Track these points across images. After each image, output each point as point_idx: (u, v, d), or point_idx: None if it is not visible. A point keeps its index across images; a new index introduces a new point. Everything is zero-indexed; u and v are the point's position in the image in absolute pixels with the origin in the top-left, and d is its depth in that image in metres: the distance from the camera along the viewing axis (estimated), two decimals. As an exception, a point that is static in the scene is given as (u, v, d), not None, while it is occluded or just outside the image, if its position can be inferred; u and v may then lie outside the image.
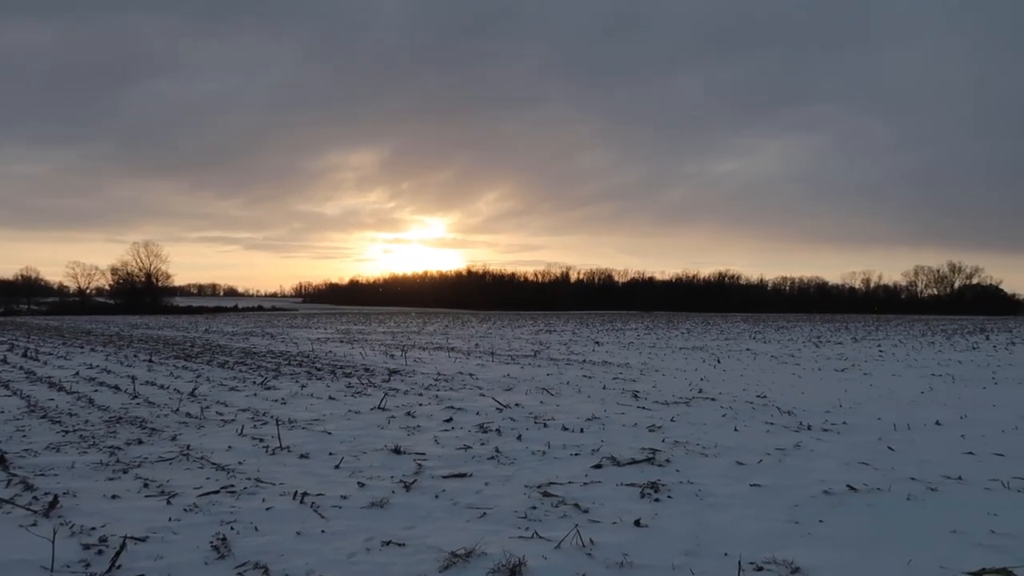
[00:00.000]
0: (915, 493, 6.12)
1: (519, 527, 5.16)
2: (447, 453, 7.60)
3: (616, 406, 10.98)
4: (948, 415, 10.46)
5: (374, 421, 9.52)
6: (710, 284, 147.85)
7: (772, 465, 7.19)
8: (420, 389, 12.81)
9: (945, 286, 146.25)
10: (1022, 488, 6.32)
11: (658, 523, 5.27)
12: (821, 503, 5.82)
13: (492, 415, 10.04)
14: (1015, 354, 24.35)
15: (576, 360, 19.67)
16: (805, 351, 24.61)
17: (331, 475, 6.65)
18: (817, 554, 4.64)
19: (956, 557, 4.57)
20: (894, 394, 12.99)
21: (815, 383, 14.70)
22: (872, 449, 7.99)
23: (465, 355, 21.16)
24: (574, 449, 7.83)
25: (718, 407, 11.01)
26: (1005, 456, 7.68)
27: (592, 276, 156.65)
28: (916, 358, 21.93)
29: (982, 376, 16.46)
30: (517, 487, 6.26)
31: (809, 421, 9.78)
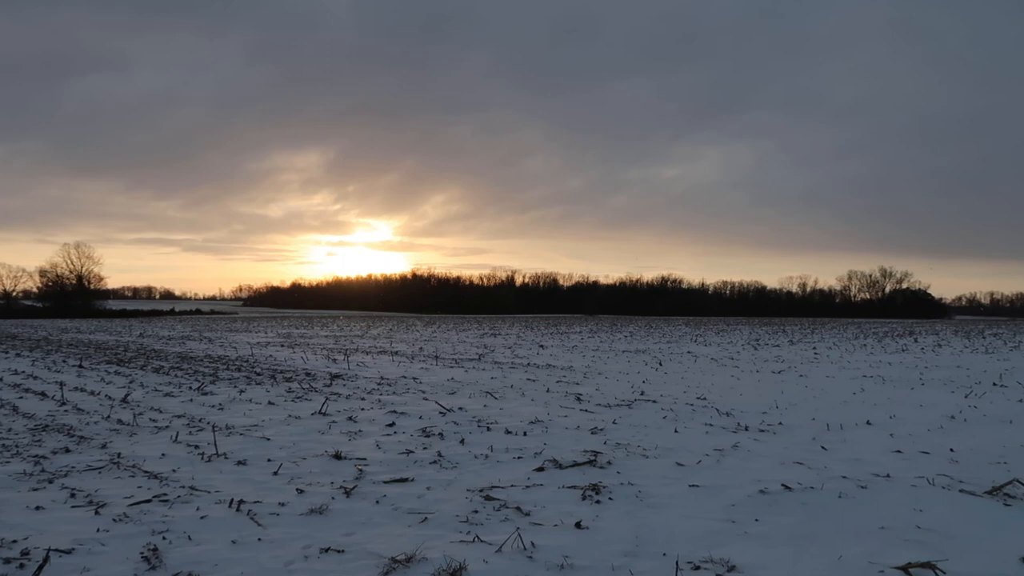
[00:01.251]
0: (846, 491, 6.31)
1: (461, 531, 5.14)
2: (389, 458, 7.53)
3: (559, 409, 11.04)
4: (878, 415, 10.82)
5: (315, 426, 9.37)
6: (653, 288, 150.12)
7: (711, 465, 7.32)
8: (362, 393, 12.66)
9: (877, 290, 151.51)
10: (946, 485, 6.57)
11: (599, 525, 5.31)
12: (757, 502, 5.94)
13: (435, 419, 9.98)
14: (941, 356, 25.35)
15: (520, 363, 19.72)
16: (744, 354, 25.16)
17: (269, 482, 6.52)
18: (752, 552, 4.74)
19: (884, 552, 4.73)
20: (828, 395, 13.37)
21: (753, 385, 15.03)
22: (806, 449, 8.21)
23: (409, 359, 21.01)
24: (517, 452, 7.84)
25: (659, 409, 11.17)
26: (931, 454, 7.98)
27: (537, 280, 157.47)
28: (849, 360, 22.63)
29: (910, 377, 17.08)
30: (459, 491, 6.23)
31: (747, 422, 10.00)
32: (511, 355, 23.05)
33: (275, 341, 30.53)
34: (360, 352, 23.85)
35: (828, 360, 22.55)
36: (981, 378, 16.99)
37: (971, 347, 31.42)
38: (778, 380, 16.10)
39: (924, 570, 4.34)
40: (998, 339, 40.59)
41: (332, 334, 37.88)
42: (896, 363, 21.64)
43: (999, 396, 13.53)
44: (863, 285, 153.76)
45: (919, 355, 25.64)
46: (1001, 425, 10.14)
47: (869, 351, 27.59)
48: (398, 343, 29.74)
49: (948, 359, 23.76)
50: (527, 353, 24.05)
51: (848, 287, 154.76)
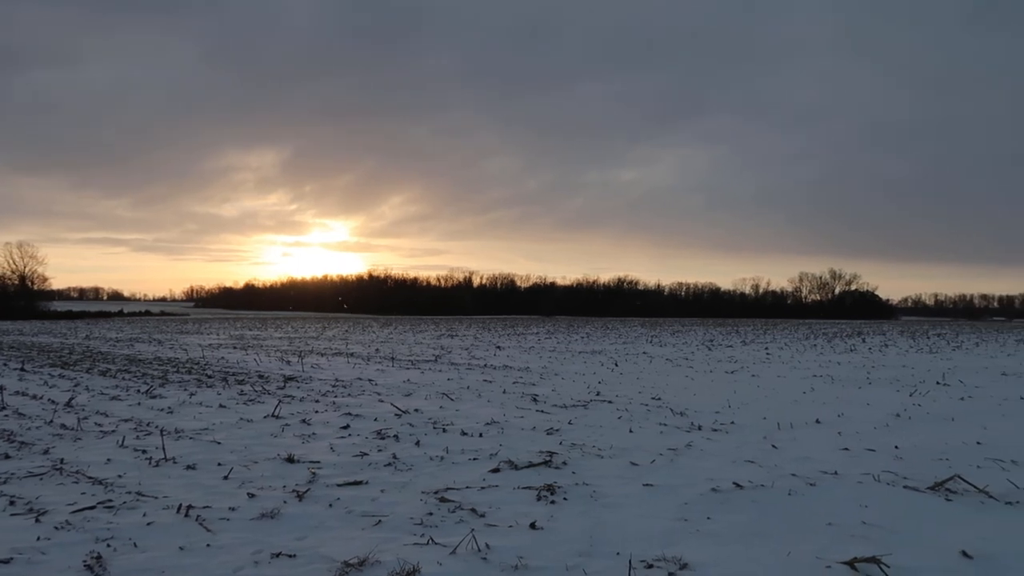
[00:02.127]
0: (796, 488, 6.43)
1: (415, 534, 5.10)
2: (343, 461, 7.44)
3: (515, 410, 11.05)
4: (827, 414, 11.06)
5: (267, 429, 9.22)
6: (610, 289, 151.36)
7: (664, 465, 7.40)
8: (317, 396, 12.51)
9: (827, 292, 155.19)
10: (891, 481, 6.74)
11: (553, 525, 5.33)
12: (709, 500, 6.02)
13: (391, 421, 9.90)
14: (888, 356, 26.04)
15: (477, 365, 19.69)
16: (698, 354, 25.51)
17: (219, 486, 6.39)
18: (704, 550, 4.80)
19: (831, 548, 4.83)
20: (779, 394, 13.63)
21: (707, 385, 15.25)
22: (758, 447, 8.35)
23: (365, 360, 20.82)
24: (472, 454, 7.82)
25: (615, 409, 11.25)
26: (876, 451, 8.18)
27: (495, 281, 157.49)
28: (800, 360, 23.10)
29: (858, 377, 17.50)
30: (414, 493, 6.19)
31: (700, 421, 10.13)
32: (468, 356, 23.01)
33: (227, 343, 29.99)
34: (315, 354, 23.57)
35: (779, 360, 22.99)
36: (925, 377, 17.49)
37: (916, 347, 32.35)
38: (731, 380, 16.35)
39: (869, 564, 4.44)
40: (941, 339, 41.87)
41: (286, 336, 37.36)
42: (845, 363, 22.16)
43: (942, 394, 13.94)
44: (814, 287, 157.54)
45: (867, 355, 26.31)
46: (944, 423, 10.45)
47: (819, 351, 28.21)
48: (354, 344, 29.46)
49: (894, 359, 24.42)
50: (484, 354, 24.03)
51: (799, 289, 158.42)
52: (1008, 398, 13.45)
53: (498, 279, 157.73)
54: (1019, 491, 6.38)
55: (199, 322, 64.94)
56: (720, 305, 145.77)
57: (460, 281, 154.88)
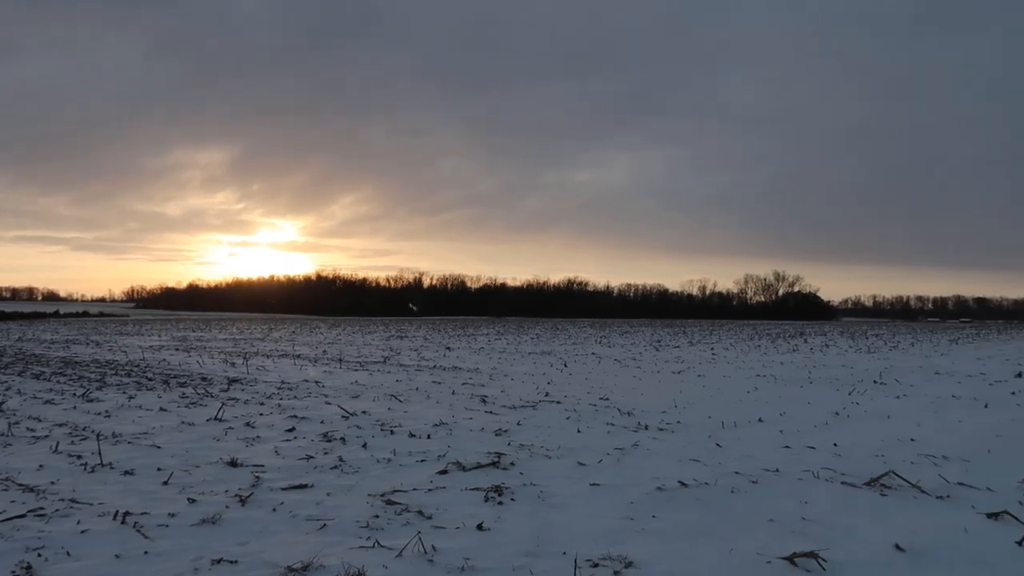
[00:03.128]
0: (738, 486, 6.55)
1: (360, 537, 5.04)
2: (288, 464, 7.32)
3: (464, 411, 11.03)
4: (769, 413, 11.31)
5: (209, 433, 9.01)
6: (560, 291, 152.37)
7: (611, 464, 7.46)
8: (262, 398, 12.28)
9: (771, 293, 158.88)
10: (830, 478, 6.92)
11: (501, 526, 5.33)
12: (655, 499, 6.10)
13: (337, 423, 9.78)
14: (828, 356, 26.76)
15: (427, 366, 19.59)
16: (646, 355, 25.83)
17: (158, 492, 6.22)
18: (649, 548, 4.86)
19: (772, 543, 4.93)
20: (724, 394, 13.89)
21: (654, 385, 15.45)
22: (702, 446, 8.49)
23: (312, 362, 20.53)
24: (420, 456, 7.77)
25: (563, 410, 11.32)
26: (816, 449, 8.39)
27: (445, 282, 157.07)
28: (744, 360, 23.58)
29: (800, 376, 17.94)
30: (360, 496, 6.12)
31: (647, 421, 10.25)
32: (417, 357, 22.88)
33: (169, 344, 29.26)
34: (260, 355, 23.14)
35: (725, 360, 23.42)
36: (863, 376, 18.02)
37: (855, 347, 33.31)
38: (678, 380, 16.60)
39: (808, 559, 4.55)
40: (879, 339, 43.23)
41: (231, 337, 36.61)
42: (787, 363, 22.69)
43: (879, 393, 14.38)
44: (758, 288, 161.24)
45: (808, 355, 26.99)
46: (880, 420, 10.78)
47: (763, 351, 28.83)
48: (301, 346, 29.03)
49: (834, 359, 25.11)
50: (433, 355, 23.92)
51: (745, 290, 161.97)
52: (940, 396, 13.94)
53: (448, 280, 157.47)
54: (949, 485, 6.62)
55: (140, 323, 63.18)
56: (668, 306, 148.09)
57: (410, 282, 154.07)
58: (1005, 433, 9.70)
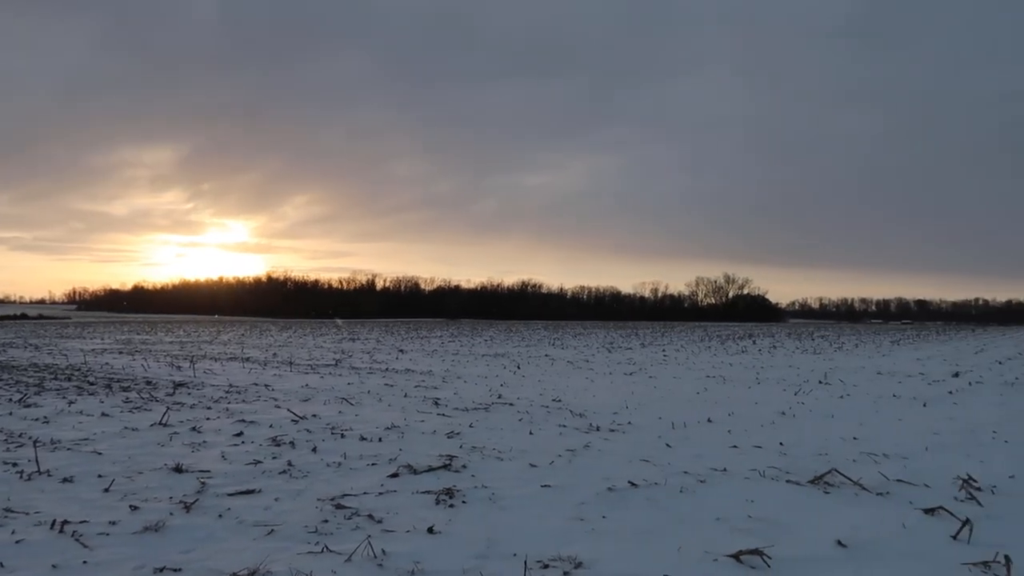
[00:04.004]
0: (687, 485, 6.65)
1: (309, 542, 4.97)
2: (235, 469, 7.18)
3: (416, 414, 10.97)
4: (718, 413, 11.50)
5: (154, 438, 8.79)
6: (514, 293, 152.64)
7: (563, 466, 7.50)
8: (209, 402, 12.03)
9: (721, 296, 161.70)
10: (775, 476, 7.07)
11: (452, 529, 5.31)
12: (605, 499, 6.15)
13: (287, 427, 9.63)
14: (776, 357, 27.33)
15: (379, 368, 19.43)
16: (598, 356, 26.03)
17: (99, 499, 6.04)
18: (599, 548, 4.89)
19: (718, 541, 5.02)
20: (674, 395, 14.08)
21: (606, 386, 15.57)
22: (653, 446, 8.59)
23: (261, 365, 20.19)
24: (371, 459, 7.70)
25: (516, 412, 11.34)
26: (763, 448, 8.56)
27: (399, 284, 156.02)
28: (695, 361, 23.94)
29: (748, 377, 18.28)
30: (309, 501, 6.04)
31: (598, 422, 10.33)
32: (369, 360, 22.68)
33: (113, 348, 28.45)
34: (208, 359, 22.67)
35: (676, 362, 23.75)
36: (809, 377, 18.46)
37: (801, 348, 34.09)
38: (629, 381, 16.77)
39: (753, 556, 4.64)
40: (825, 341, 44.31)
41: (178, 340, 35.79)
42: (736, 364, 23.11)
43: (824, 393, 14.74)
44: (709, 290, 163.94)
45: (757, 356, 27.53)
46: (824, 419, 11.05)
47: (713, 353, 29.31)
48: (250, 349, 28.52)
49: (782, 359, 25.66)
50: (386, 358, 23.74)
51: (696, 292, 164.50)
52: (882, 396, 14.35)
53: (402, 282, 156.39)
54: (889, 482, 6.82)
55: (81, 326, 61.29)
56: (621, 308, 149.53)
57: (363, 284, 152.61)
58: (942, 431, 10.03)
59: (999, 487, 6.71)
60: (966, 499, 6.23)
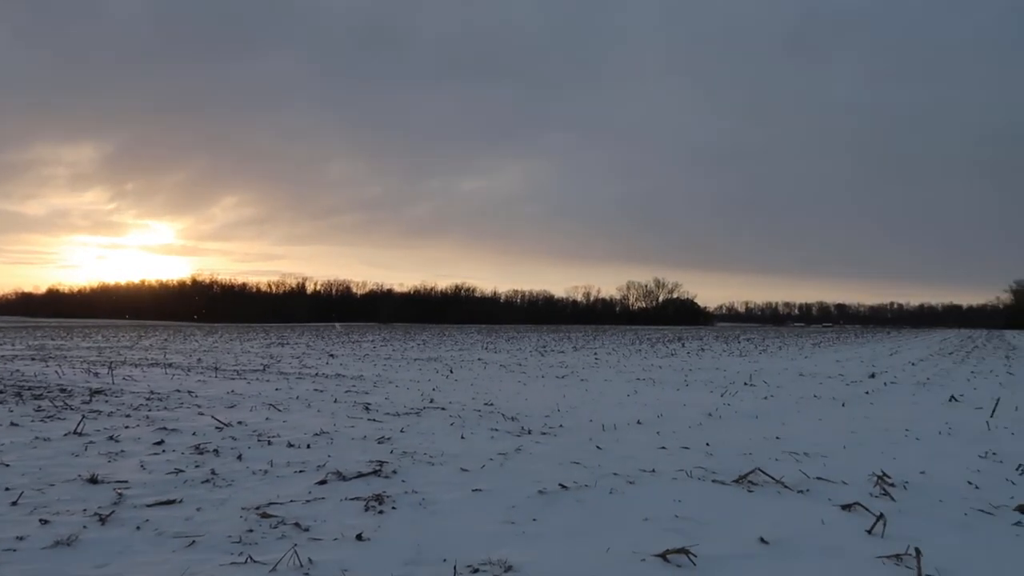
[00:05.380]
0: (616, 487, 6.73)
1: (232, 552, 4.83)
2: (155, 479, 6.92)
3: (346, 419, 10.79)
4: (648, 415, 11.68)
5: (67, 448, 8.40)
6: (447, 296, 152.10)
7: (494, 470, 7.49)
8: (128, 410, 11.57)
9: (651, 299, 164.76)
10: (702, 476, 7.22)
11: (381, 535, 5.24)
12: (536, 502, 6.17)
13: (211, 435, 9.34)
14: (704, 359, 27.97)
15: (308, 374, 19.06)
16: (531, 360, 26.15)
17: (6, 513, 5.72)
18: (529, 551, 4.90)
19: (646, 541, 5.09)
20: (605, 397, 14.24)
21: (538, 390, 15.65)
22: (583, 449, 8.66)
23: (185, 371, 19.56)
24: (299, 466, 7.53)
25: (448, 416, 11.28)
26: (690, 449, 8.74)
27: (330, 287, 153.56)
28: (625, 364, 24.28)
29: (677, 379, 18.65)
30: (233, 510, 5.86)
31: (530, 426, 10.37)
32: (299, 365, 22.23)
33: (24, 354, 27.12)
34: (128, 365, 21.83)
35: (607, 365, 24.04)
36: (735, 379, 18.94)
37: (728, 351, 34.99)
38: (561, 385, 16.89)
39: (679, 555, 4.73)
40: (750, 343, 45.59)
41: (96, 345, 34.37)
42: (666, 366, 23.55)
43: (748, 394, 15.16)
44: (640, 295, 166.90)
45: (685, 359, 28.12)
46: (749, 420, 11.36)
47: (643, 356, 29.81)
48: (173, 354, 27.60)
49: (709, 362, 26.27)
50: (316, 363, 23.32)
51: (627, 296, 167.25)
52: (803, 396, 14.84)
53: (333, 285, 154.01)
54: (809, 480, 7.05)
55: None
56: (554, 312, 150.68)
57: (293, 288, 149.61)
58: (859, 430, 10.43)
59: (911, 483, 7.02)
60: (880, 495, 6.49)
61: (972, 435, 10.07)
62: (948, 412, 12.58)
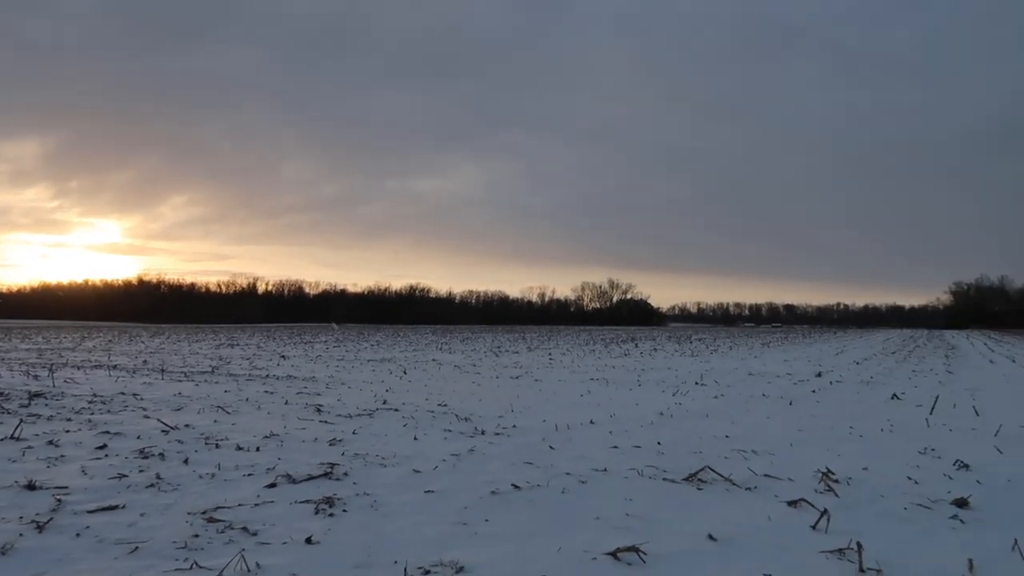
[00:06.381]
0: (569, 486, 6.76)
1: (177, 559, 4.72)
2: (97, 484, 6.72)
3: (297, 421, 10.65)
4: (600, 414, 11.77)
5: (4, 454, 8.10)
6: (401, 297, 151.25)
7: (447, 471, 7.47)
8: (69, 414, 11.23)
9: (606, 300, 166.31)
10: (653, 475, 7.30)
11: (331, 538, 5.17)
12: (488, 503, 6.16)
13: (156, 438, 9.12)
14: (656, 359, 28.31)
15: (259, 375, 18.75)
16: (486, 360, 26.14)
17: (-63, 522, 5.51)
18: (481, 552, 4.89)
19: (597, 540, 5.12)
20: (559, 397, 14.31)
21: (492, 390, 15.65)
22: (536, 449, 8.69)
23: (130, 373, 19.06)
24: (248, 469, 7.40)
25: (401, 417, 11.20)
26: (642, 448, 8.83)
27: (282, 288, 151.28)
28: (579, 365, 24.44)
29: (630, 379, 18.84)
30: (179, 515, 5.73)
31: (484, 426, 10.36)
32: (249, 366, 21.86)
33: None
34: (70, 367, 21.19)
35: (561, 365, 24.16)
36: (687, 378, 19.21)
37: (680, 351, 35.47)
38: (515, 385, 16.92)
39: (629, 553, 4.77)
40: (702, 343, 46.30)
41: (36, 347, 33.28)
42: (619, 366, 23.77)
43: (700, 393, 15.38)
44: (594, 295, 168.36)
45: (638, 358, 28.42)
46: (700, 419, 11.52)
47: (597, 356, 30.03)
48: (118, 356, 26.89)
49: (662, 362, 26.59)
50: (267, 364, 22.96)
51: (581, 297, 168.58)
52: (752, 395, 15.13)
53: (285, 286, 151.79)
54: (757, 477, 7.18)
55: (-76, 333, 55.97)
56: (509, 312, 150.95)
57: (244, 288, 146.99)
58: (805, 427, 10.67)
59: (854, 478, 7.20)
60: (825, 491, 6.64)
61: (912, 432, 10.38)
62: (890, 410, 12.94)
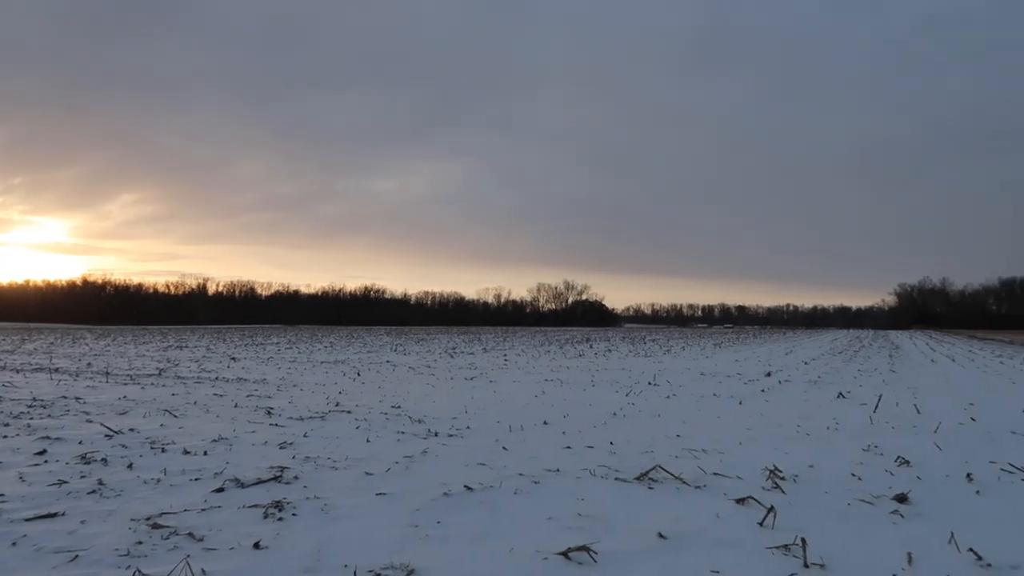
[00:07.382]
0: (521, 487, 6.78)
1: (119, 566, 4.60)
2: (35, 491, 6.51)
3: (247, 424, 10.46)
4: (554, 415, 11.83)
5: (-63, 460, 7.80)
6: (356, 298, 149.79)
7: (399, 473, 7.42)
8: (7, 418, 10.85)
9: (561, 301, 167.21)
10: (605, 475, 7.35)
11: (279, 543, 5.10)
12: (440, 505, 6.14)
13: (99, 443, 8.87)
14: (610, 360, 28.54)
15: (208, 378, 18.38)
16: (440, 362, 26.05)
17: None
18: (432, 553, 4.87)
19: (549, 540, 5.14)
20: (513, 398, 14.32)
21: (447, 392, 15.59)
22: (489, 450, 8.69)
23: (73, 376, 18.50)
24: (195, 474, 7.25)
25: (353, 419, 11.09)
26: (594, 448, 8.89)
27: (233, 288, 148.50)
28: (534, 366, 24.51)
29: (584, 380, 18.96)
30: (122, 521, 5.58)
31: (437, 428, 10.32)
32: (197, 369, 21.41)
33: None
34: (8, 370, 20.49)
35: (516, 366, 24.20)
36: (640, 378, 19.41)
37: (634, 352, 35.83)
38: (470, 386, 16.89)
39: (580, 552, 4.80)
40: (655, 344, 46.84)
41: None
42: (573, 367, 23.90)
43: (652, 393, 15.55)
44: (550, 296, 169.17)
45: (593, 359, 28.62)
46: (652, 419, 11.66)
47: (552, 357, 30.16)
48: (60, 359, 26.09)
49: (616, 362, 26.82)
50: (216, 367, 22.51)
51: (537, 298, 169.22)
52: (704, 395, 15.35)
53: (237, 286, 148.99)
54: (707, 476, 7.29)
55: None
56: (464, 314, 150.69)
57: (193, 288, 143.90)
58: (754, 426, 10.87)
59: (800, 476, 7.36)
60: (772, 488, 6.77)
61: (856, 430, 10.65)
62: (836, 408, 13.26)
